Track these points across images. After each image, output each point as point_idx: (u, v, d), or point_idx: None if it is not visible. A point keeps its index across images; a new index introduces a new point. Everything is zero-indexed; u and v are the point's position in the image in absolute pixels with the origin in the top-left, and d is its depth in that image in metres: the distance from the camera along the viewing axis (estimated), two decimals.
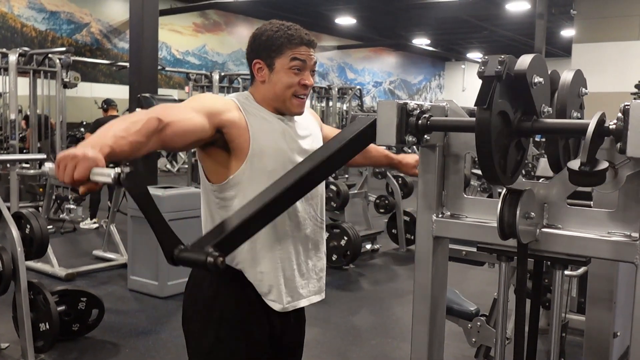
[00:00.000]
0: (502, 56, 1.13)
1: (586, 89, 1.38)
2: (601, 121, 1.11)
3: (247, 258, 1.88)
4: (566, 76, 1.32)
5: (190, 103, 1.79)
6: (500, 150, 1.19)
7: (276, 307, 1.91)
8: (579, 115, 1.35)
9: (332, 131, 2.19)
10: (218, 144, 1.82)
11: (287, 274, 1.92)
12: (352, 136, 1.37)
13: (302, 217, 1.94)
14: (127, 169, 1.20)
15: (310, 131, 2.04)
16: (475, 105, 1.14)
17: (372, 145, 2.20)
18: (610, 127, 1.11)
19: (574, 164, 1.11)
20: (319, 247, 2.03)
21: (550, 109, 1.21)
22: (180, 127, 1.65)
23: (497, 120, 1.15)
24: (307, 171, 1.34)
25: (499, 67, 1.11)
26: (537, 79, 1.17)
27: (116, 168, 1.21)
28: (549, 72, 1.29)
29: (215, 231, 1.23)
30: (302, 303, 1.98)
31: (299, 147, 1.94)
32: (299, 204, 1.92)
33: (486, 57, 1.14)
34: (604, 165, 1.10)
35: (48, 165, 1.35)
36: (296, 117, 1.99)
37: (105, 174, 1.25)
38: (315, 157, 1.40)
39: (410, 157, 2.29)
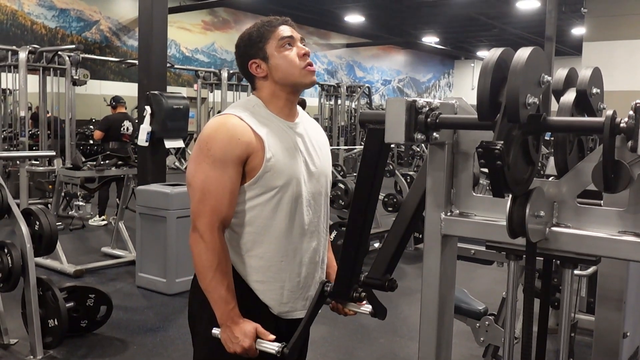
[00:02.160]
0: (498, 148, 1.08)
1: (599, 88, 1.36)
2: (614, 118, 1.10)
3: (250, 267, 1.88)
4: (584, 73, 1.31)
5: (217, 163, 1.77)
6: (513, 164, 1.18)
7: (274, 311, 1.90)
8: (598, 91, 1.34)
9: None
10: None
11: (288, 285, 1.90)
12: (377, 161, 1.49)
13: (309, 231, 1.92)
14: (290, 346, 1.66)
15: (320, 144, 2.01)
16: (494, 196, 1.17)
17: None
18: (621, 125, 1.10)
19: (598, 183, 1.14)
20: (324, 259, 2.02)
21: (536, 100, 1.19)
22: (232, 208, 1.81)
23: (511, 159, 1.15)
24: (367, 208, 1.62)
25: (499, 162, 1.09)
26: (530, 100, 1.15)
27: (278, 344, 1.69)
28: (567, 70, 1.28)
29: (343, 275, 1.68)
30: (298, 315, 1.93)
31: (306, 163, 1.91)
32: (306, 218, 1.90)
33: (480, 149, 1.10)
34: (626, 179, 1.13)
35: (218, 329, 1.81)
36: (305, 126, 1.96)
37: (269, 348, 1.70)
38: (363, 191, 1.59)
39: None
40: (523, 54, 1.13)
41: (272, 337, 1.76)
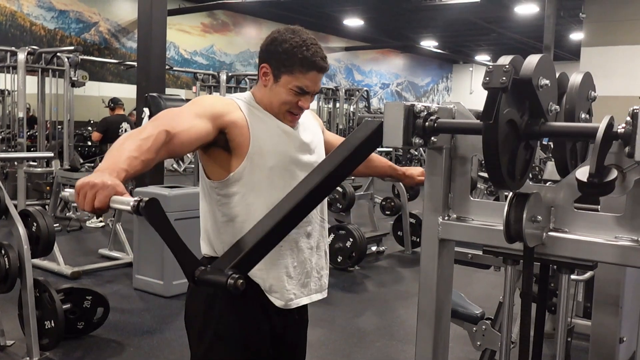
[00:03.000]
0: (507, 65, 1.11)
1: (595, 92, 1.37)
2: (610, 125, 1.10)
3: None
4: (575, 78, 1.31)
5: (193, 108, 1.80)
6: (508, 156, 1.18)
7: (278, 303, 1.92)
8: (587, 116, 1.34)
9: (334, 138, 2.21)
10: (219, 144, 1.84)
11: (289, 271, 1.93)
12: (360, 142, 1.38)
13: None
14: (146, 198, 1.25)
15: (312, 131, 2.05)
16: (481, 120, 1.13)
17: (375, 156, 2.24)
18: (619, 131, 1.11)
19: (582, 174, 1.11)
20: (320, 246, 2.04)
21: (557, 107, 1.20)
22: (186, 136, 1.70)
23: (504, 128, 1.14)
24: (317, 183, 1.36)
25: (504, 78, 1.10)
26: (543, 81, 1.16)
27: (135, 197, 1.26)
28: (558, 75, 1.28)
29: (232, 252, 1.25)
30: (304, 301, 1.99)
31: (300, 145, 1.96)
32: None
33: (491, 67, 1.12)
34: (613, 175, 1.10)
35: (68, 191, 1.40)
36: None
37: (125, 203, 1.30)
38: (324, 167, 1.41)
39: (415, 169, 2.32)
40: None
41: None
